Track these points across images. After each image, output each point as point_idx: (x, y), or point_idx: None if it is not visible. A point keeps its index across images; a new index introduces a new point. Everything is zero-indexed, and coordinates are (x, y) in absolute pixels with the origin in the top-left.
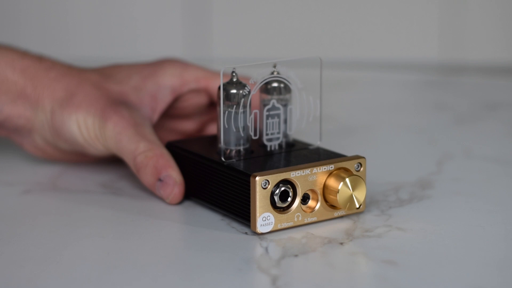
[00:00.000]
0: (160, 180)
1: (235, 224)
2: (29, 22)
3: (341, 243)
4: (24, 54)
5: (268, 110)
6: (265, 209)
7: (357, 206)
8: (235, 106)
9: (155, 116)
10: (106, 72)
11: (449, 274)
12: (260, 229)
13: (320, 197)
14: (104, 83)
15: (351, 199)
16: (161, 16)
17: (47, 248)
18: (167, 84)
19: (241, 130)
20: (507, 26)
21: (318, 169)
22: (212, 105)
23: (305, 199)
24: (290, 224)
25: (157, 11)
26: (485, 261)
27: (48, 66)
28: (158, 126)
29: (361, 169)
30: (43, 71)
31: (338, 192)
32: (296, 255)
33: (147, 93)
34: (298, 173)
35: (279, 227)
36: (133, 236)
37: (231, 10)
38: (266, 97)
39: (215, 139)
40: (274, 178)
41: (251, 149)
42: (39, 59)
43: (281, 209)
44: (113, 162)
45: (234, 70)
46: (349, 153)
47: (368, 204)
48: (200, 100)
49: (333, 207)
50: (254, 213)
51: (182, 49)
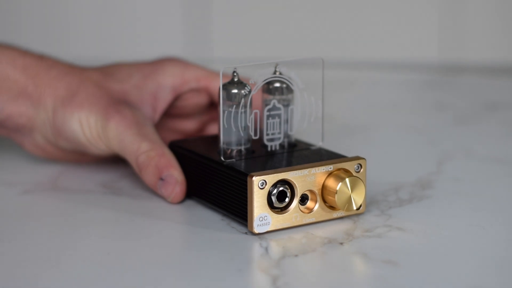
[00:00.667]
0: (161, 179)
1: (235, 224)
2: (30, 21)
3: (341, 243)
4: (25, 53)
5: (269, 110)
6: (262, 209)
7: (355, 207)
8: (235, 106)
9: (157, 116)
10: (107, 71)
11: (449, 274)
12: (256, 229)
13: (319, 198)
14: (106, 82)
15: (349, 200)
16: (161, 17)
17: (47, 248)
18: (167, 83)
19: (241, 130)
20: (506, 26)
21: (317, 169)
22: (213, 105)
23: (303, 199)
24: (288, 224)
25: (158, 11)
26: (485, 261)
27: (49, 65)
28: (159, 125)
29: (361, 170)
30: (44, 70)
31: (336, 193)
32: (296, 255)
33: (148, 92)
34: (296, 174)
35: (276, 227)
36: (134, 236)
37: (231, 11)
38: (268, 97)
39: (217, 139)
40: (272, 178)
41: (252, 149)
42: (40, 57)
43: (279, 210)
44: (113, 162)
45: (235, 70)
46: (349, 153)
47: (368, 204)
48: (200, 99)
49: (332, 208)
50: (251, 213)
51: (183, 49)
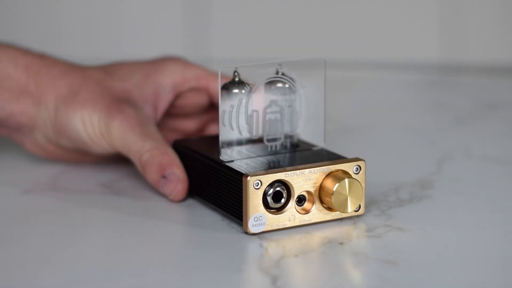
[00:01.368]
0: (164, 177)
1: (235, 224)
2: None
3: (341, 243)
4: (26, 52)
5: (270, 111)
6: (257, 209)
7: (350, 210)
8: (235, 106)
9: (158, 115)
10: (108, 70)
11: (449, 274)
12: (252, 229)
13: (316, 199)
14: (107, 81)
15: (346, 201)
16: (161, 17)
17: (47, 248)
18: (168, 82)
19: (241, 130)
20: (507, 26)
21: (314, 170)
22: (213, 105)
23: (301, 200)
24: (284, 225)
25: (157, 11)
26: (485, 261)
27: (51, 64)
28: (159, 125)
29: (360, 172)
30: (45, 69)
31: (333, 194)
32: (296, 255)
33: (149, 91)
34: (292, 174)
35: (272, 228)
36: (134, 236)
37: (231, 10)
38: (270, 97)
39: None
40: (267, 178)
41: (252, 149)
42: (41, 56)
43: (275, 210)
44: (113, 162)
45: (236, 69)
46: (348, 153)
47: (368, 204)
48: (200, 99)
49: (329, 209)
50: (246, 213)
51: (182, 49)
